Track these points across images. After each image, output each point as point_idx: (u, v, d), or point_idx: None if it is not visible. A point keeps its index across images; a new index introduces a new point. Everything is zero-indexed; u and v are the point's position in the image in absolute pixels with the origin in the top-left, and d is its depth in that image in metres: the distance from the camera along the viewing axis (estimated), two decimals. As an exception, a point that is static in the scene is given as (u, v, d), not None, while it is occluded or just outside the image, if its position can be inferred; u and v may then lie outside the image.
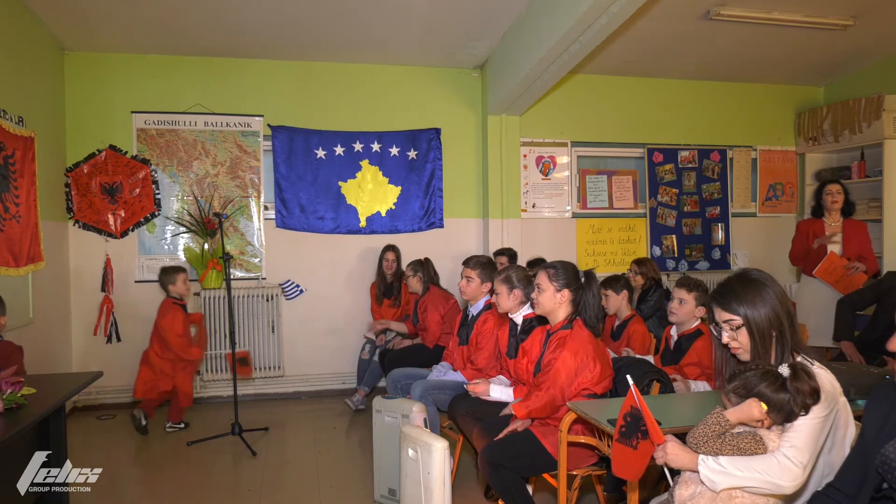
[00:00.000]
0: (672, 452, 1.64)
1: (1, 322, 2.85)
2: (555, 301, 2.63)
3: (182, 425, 4.28)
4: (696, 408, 2.27)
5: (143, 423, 4.11)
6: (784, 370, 1.62)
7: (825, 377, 1.66)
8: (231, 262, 4.62)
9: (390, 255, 4.89)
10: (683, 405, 2.37)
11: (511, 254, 4.84)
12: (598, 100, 5.66)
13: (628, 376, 1.77)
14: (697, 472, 1.62)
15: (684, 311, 2.97)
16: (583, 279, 2.66)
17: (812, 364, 1.68)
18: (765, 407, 1.59)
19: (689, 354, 2.92)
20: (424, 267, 4.54)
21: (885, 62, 5.44)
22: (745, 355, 1.79)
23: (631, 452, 1.73)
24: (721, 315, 1.80)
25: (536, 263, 4.27)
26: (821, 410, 1.59)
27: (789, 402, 1.58)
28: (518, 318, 3.09)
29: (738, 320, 1.76)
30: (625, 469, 1.75)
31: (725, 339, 1.80)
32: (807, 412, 1.58)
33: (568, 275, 2.64)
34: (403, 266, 4.84)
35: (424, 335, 4.39)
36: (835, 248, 4.36)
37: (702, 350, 2.88)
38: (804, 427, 1.58)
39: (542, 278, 2.67)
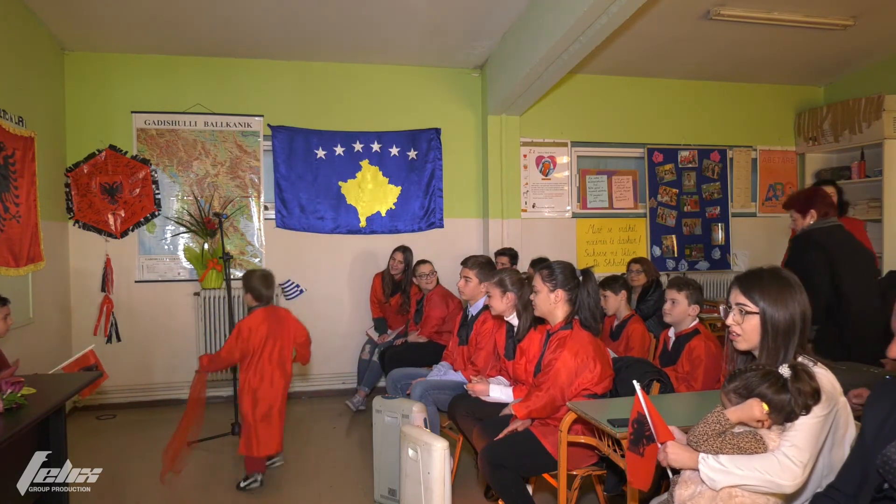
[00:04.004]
0: (672, 453, 1.65)
1: (8, 322, 2.83)
2: (550, 302, 2.63)
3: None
4: (696, 407, 2.27)
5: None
6: (785, 371, 1.62)
7: (825, 377, 1.66)
8: (231, 262, 4.62)
9: (398, 256, 4.85)
10: (683, 405, 2.37)
11: (512, 254, 4.85)
12: (598, 100, 5.66)
13: (635, 381, 1.76)
14: (698, 470, 1.62)
15: (678, 311, 2.97)
16: (580, 278, 2.66)
17: (814, 364, 1.68)
18: (766, 407, 1.59)
19: (682, 356, 2.92)
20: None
21: (885, 62, 5.44)
22: (742, 343, 1.79)
23: (639, 460, 1.73)
24: (737, 297, 1.78)
25: (539, 263, 4.27)
26: (821, 410, 1.60)
27: (790, 402, 1.58)
28: (514, 319, 3.09)
29: (752, 307, 1.74)
30: (637, 478, 1.75)
31: (729, 320, 1.79)
32: (808, 412, 1.58)
33: (562, 275, 2.63)
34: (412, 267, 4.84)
35: (422, 325, 4.42)
36: None
37: (693, 349, 2.88)
38: (804, 426, 1.58)
39: (536, 280, 2.68)
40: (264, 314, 3.34)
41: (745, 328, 1.76)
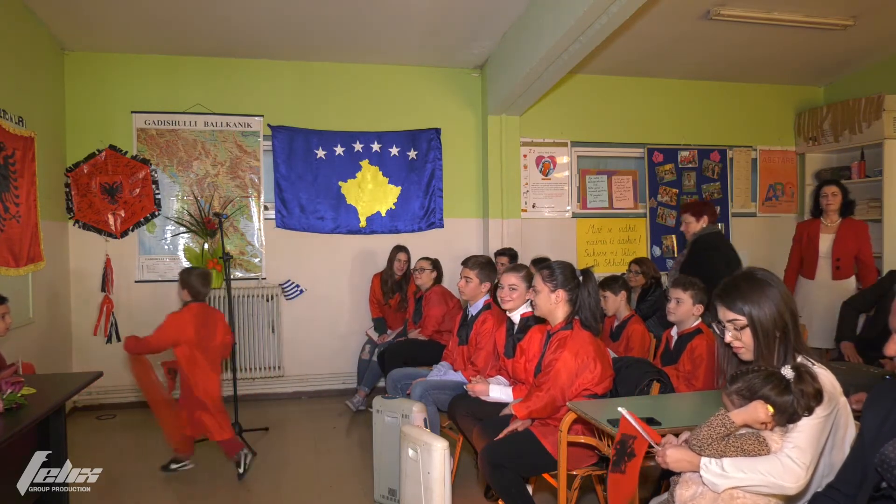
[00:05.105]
0: (672, 458, 1.64)
1: (7, 321, 2.84)
2: (550, 302, 2.64)
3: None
4: (697, 407, 2.27)
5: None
6: (787, 372, 1.61)
7: (826, 377, 1.66)
8: (231, 262, 4.62)
9: (403, 256, 4.88)
10: (685, 405, 2.37)
11: (511, 254, 4.85)
12: (598, 100, 5.66)
13: (621, 408, 1.76)
14: (699, 472, 1.62)
15: (682, 310, 2.98)
16: (580, 278, 2.66)
17: (813, 364, 1.68)
18: (771, 410, 1.59)
19: (683, 355, 2.92)
20: (437, 266, 4.59)
21: (885, 62, 5.44)
22: (747, 355, 1.78)
23: (621, 478, 1.74)
24: (725, 314, 1.79)
25: (540, 263, 4.27)
26: (822, 410, 1.59)
27: (793, 404, 1.58)
28: (515, 316, 3.09)
29: (743, 320, 1.75)
30: (618, 497, 1.75)
31: (728, 338, 1.79)
32: (810, 413, 1.58)
33: (563, 275, 2.64)
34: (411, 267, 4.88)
35: (423, 325, 4.41)
36: (825, 247, 4.39)
37: (695, 348, 2.88)
38: (806, 427, 1.58)
39: (537, 280, 2.68)
40: (198, 310, 3.44)
41: (745, 341, 1.77)
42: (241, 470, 3.41)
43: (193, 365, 3.38)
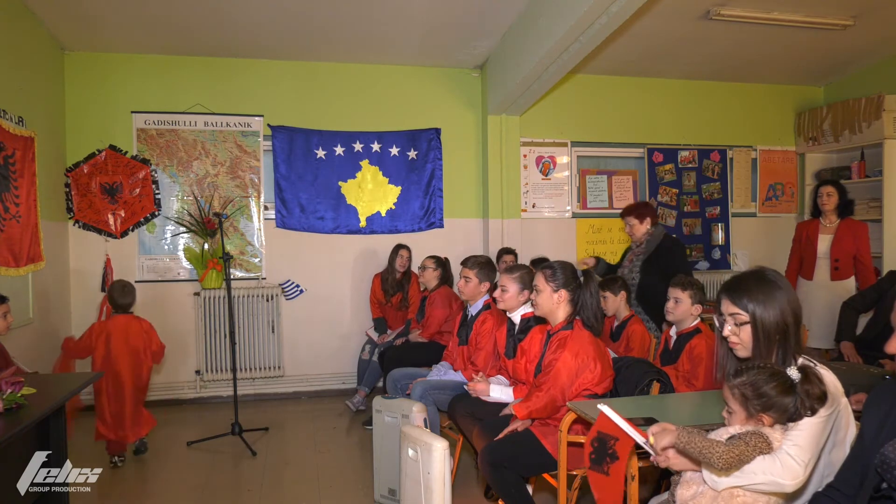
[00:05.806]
0: (674, 455, 1.64)
1: (8, 320, 2.84)
2: (552, 302, 2.64)
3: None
4: (696, 408, 2.27)
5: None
6: (793, 373, 1.61)
7: (828, 377, 1.66)
8: (231, 262, 4.62)
9: (404, 253, 4.89)
10: (685, 404, 2.37)
11: (515, 254, 4.85)
12: (598, 100, 5.66)
13: (601, 405, 1.77)
14: (699, 471, 1.62)
15: (680, 310, 2.98)
16: (581, 278, 2.66)
17: (815, 365, 1.68)
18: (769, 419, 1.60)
19: (682, 354, 2.92)
20: (444, 266, 4.55)
21: (885, 62, 5.45)
22: (742, 352, 1.78)
23: (605, 479, 1.73)
24: (728, 307, 1.78)
25: (539, 263, 4.27)
26: (824, 410, 1.59)
27: (793, 404, 1.58)
28: (516, 317, 3.09)
29: (745, 316, 1.74)
30: (606, 497, 1.74)
31: (726, 331, 1.78)
32: (813, 414, 1.58)
33: (565, 275, 2.64)
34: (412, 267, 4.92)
35: (424, 325, 4.41)
36: (823, 247, 4.40)
37: (694, 348, 2.88)
38: (807, 426, 1.58)
39: (539, 279, 2.68)
40: (123, 322, 3.61)
41: (743, 337, 1.76)
42: (117, 460, 3.62)
43: (117, 369, 3.56)
